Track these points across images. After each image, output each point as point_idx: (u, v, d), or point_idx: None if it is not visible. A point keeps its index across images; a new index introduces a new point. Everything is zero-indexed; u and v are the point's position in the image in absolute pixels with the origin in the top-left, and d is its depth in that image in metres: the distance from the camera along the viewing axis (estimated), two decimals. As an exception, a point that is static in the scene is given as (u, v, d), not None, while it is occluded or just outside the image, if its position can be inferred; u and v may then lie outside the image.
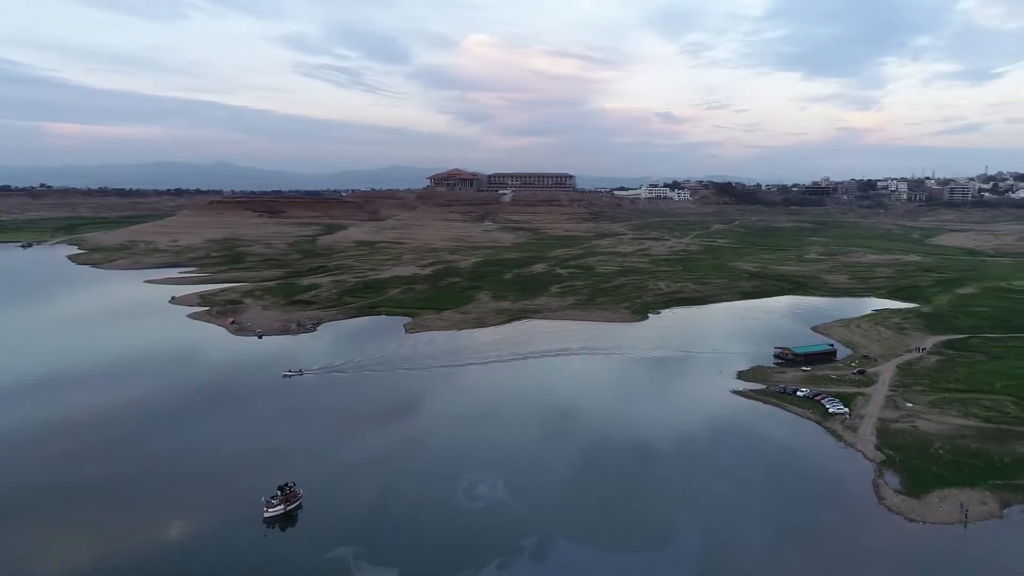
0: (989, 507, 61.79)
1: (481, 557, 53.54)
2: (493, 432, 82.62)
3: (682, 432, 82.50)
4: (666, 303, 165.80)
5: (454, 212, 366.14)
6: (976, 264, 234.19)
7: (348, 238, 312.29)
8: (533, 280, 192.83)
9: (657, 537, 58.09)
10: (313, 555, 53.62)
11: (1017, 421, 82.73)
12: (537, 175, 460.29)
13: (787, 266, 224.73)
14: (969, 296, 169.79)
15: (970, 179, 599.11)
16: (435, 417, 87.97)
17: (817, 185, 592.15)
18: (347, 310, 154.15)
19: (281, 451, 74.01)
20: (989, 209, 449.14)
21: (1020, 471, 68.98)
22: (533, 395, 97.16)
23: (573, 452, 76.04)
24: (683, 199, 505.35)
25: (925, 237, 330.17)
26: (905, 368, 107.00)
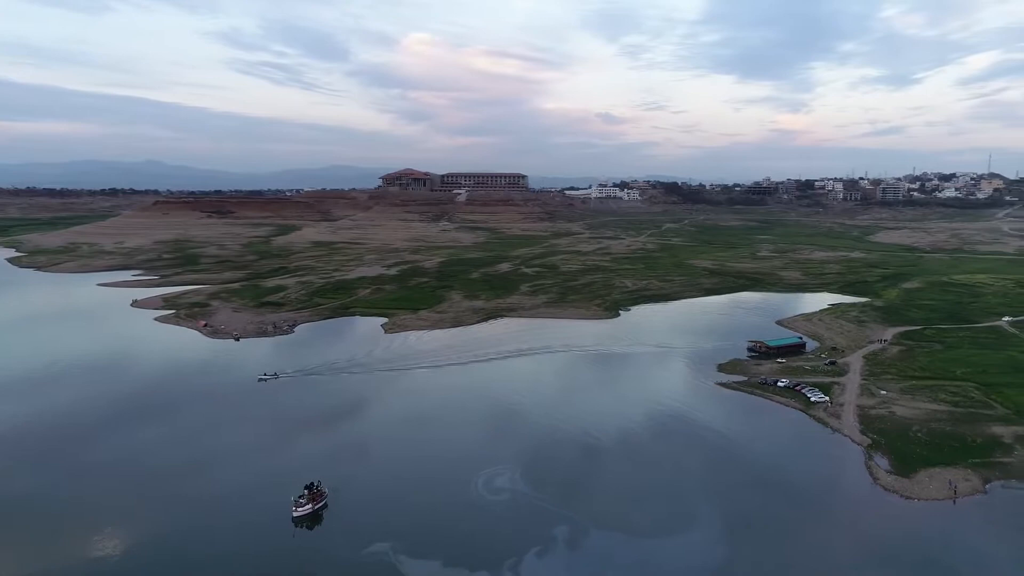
0: (973, 484, 66.81)
1: (510, 547, 54.98)
2: (491, 429, 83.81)
3: (680, 422, 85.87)
4: (634, 300, 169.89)
5: (410, 212, 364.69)
6: (915, 260, 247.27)
7: (303, 239, 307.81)
8: (501, 279, 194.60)
9: (685, 519, 61.10)
10: (354, 550, 54.26)
11: (981, 404, 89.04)
12: (490, 175, 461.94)
13: (743, 263, 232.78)
14: (915, 290, 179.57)
15: (898, 179, 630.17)
16: (425, 418, 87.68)
17: (759, 185, 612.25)
18: (321, 311, 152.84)
19: (278, 456, 73.77)
20: (920, 208, 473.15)
21: (993, 450, 74.57)
22: (526, 393, 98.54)
23: (580, 446, 78.19)
24: (633, 199, 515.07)
25: (864, 235, 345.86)
26: (871, 358, 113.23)
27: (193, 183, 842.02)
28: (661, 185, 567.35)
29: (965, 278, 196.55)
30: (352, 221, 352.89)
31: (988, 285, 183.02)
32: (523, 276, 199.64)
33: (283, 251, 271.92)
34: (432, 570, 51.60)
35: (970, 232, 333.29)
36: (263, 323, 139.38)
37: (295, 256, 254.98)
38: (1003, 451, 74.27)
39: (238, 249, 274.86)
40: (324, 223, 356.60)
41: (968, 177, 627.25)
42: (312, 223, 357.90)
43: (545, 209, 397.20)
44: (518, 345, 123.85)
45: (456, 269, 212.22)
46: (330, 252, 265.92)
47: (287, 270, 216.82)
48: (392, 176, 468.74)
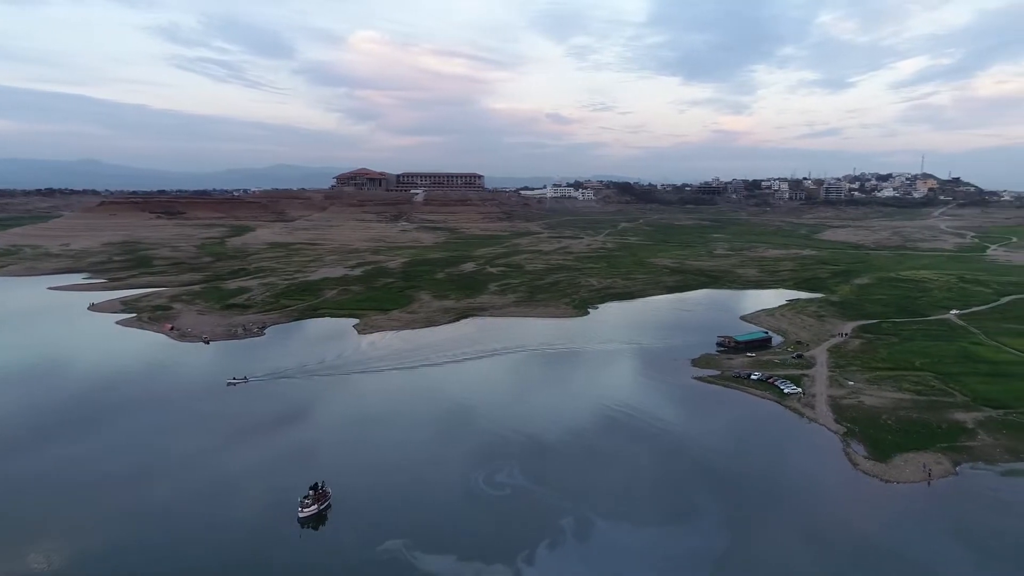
0: (944, 467, 70.94)
1: (520, 540, 56.09)
2: (478, 428, 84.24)
3: (664, 416, 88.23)
4: (602, 298, 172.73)
5: (368, 212, 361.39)
6: (863, 257, 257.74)
7: (259, 240, 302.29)
8: (468, 279, 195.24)
9: (686, 507, 63.29)
10: (368, 548, 54.55)
11: (942, 393, 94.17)
12: (446, 175, 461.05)
13: (701, 261, 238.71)
14: (866, 286, 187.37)
15: (838, 179, 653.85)
16: (409, 419, 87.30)
17: (708, 185, 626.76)
18: (289, 313, 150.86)
19: (256, 461, 73.26)
20: (861, 207, 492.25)
21: (958, 435, 79.18)
22: (509, 392, 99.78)
23: (575, 442, 79.63)
24: (587, 199, 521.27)
25: (812, 233, 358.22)
26: (835, 351, 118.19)
27: (133, 183, 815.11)
28: (614, 185, 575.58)
29: (911, 274, 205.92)
30: (308, 222, 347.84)
31: (933, 280, 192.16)
32: (489, 276, 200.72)
33: (240, 252, 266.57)
34: (448, 564, 52.24)
35: (910, 230, 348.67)
36: (232, 325, 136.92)
37: (253, 257, 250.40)
38: (967, 436, 78.91)
39: (192, 251, 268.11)
40: (279, 224, 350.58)
41: (904, 177, 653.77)
42: (267, 224, 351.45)
43: (503, 209, 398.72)
44: (493, 345, 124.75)
45: (421, 269, 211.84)
46: (289, 253, 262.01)
47: (247, 271, 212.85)
48: (346, 176, 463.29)
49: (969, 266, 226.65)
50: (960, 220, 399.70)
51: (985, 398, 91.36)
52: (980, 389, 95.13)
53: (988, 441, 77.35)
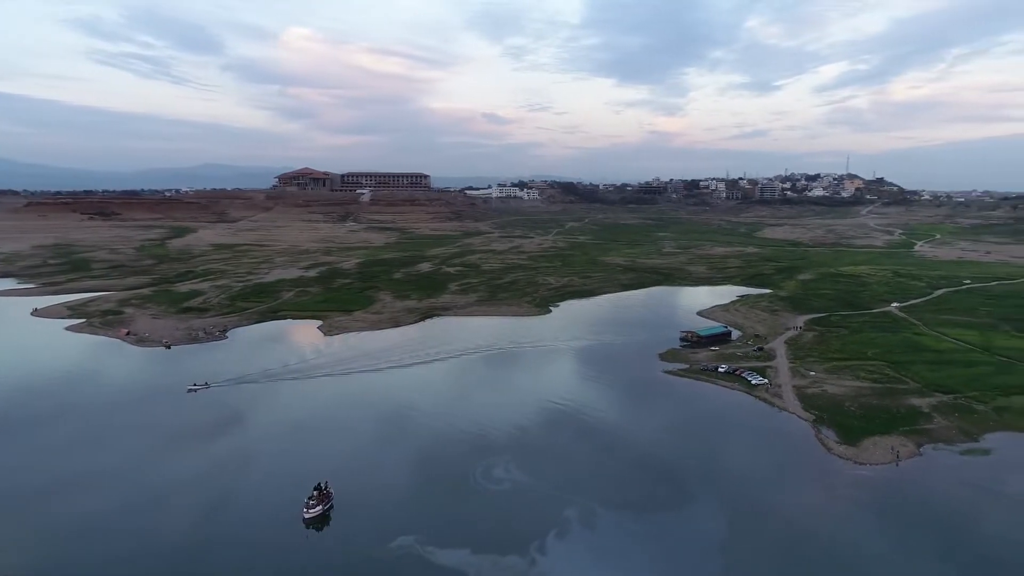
0: (909, 448, 75.76)
1: (528, 531, 57.35)
2: (464, 426, 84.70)
3: (644, 408, 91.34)
4: (561, 297, 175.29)
5: (314, 212, 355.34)
6: (802, 254, 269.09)
7: (202, 241, 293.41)
8: (426, 279, 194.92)
9: (681, 495, 65.61)
10: (381, 545, 54.80)
11: (896, 380, 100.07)
12: (392, 175, 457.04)
13: (652, 259, 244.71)
14: (810, 281, 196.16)
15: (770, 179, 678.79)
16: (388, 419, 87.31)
17: (649, 185, 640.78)
18: (249, 315, 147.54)
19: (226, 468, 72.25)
20: (795, 206, 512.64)
21: (916, 418, 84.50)
22: (488, 391, 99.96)
23: (565, 433, 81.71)
24: (532, 198, 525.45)
25: (752, 231, 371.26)
26: (792, 344, 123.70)
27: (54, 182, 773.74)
28: (558, 185, 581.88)
29: (850, 269, 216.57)
30: (252, 222, 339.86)
31: (871, 275, 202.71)
32: (448, 276, 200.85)
33: (183, 254, 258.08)
34: (464, 557, 53.01)
35: (843, 228, 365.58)
36: (191, 329, 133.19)
37: (198, 259, 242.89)
38: (924, 419, 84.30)
39: (132, 253, 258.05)
40: (221, 224, 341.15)
41: (831, 177, 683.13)
42: (208, 225, 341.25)
43: (451, 209, 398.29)
44: (463, 344, 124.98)
45: (377, 270, 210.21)
46: (236, 255, 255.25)
47: (195, 274, 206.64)
48: (289, 176, 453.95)
49: (901, 261, 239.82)
50: (887, 218, 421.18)
51: (935, 384, 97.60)
52: (929, 376, 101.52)
53: (944, 424, 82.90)
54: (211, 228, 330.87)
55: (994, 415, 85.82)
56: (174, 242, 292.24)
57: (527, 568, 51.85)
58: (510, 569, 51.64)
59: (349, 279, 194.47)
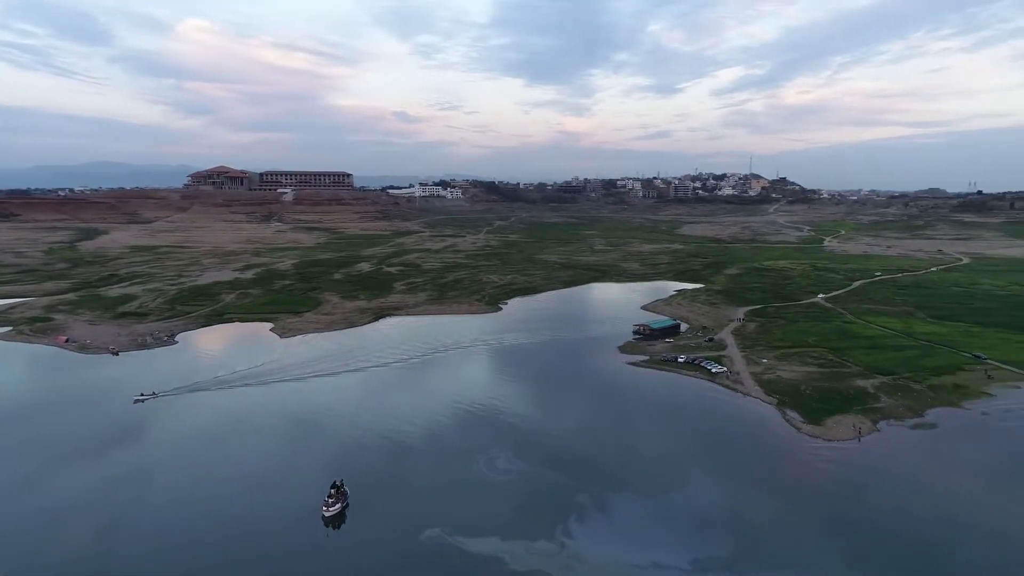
0: (868, 425, 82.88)
1: (549, 518, 59.73)
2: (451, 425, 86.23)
3: (616, 397, 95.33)
4: (508, 294, 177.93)
5: (235, 212, 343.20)
6: (724, 250, 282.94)
7: (117, 243, 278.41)
8: (369, 279, 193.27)
9: (682, 474, 69.51)
10: (410, 538, 55.66)
11: (840, 365, 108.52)
12: (313, 173, 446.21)
13: (586, 257, 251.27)
14: (738, 275, 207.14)
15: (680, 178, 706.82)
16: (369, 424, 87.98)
17: (569, 184, 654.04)
18: (195, 319, 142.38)
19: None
20: (708, 204, 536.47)
21: (866, 399, 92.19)
22: (467, 390, 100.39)
23: (560, 423, 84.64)
24: (456, 197, 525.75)
25: (672, 229, 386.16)
26: (738, 334, 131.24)
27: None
28: (481, 184, 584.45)
29: (772, 264, 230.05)
30: (169, 223, 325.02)
31: (792, 269, 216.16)
32: (390, 275, 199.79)
33: (98, 257, 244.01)
34: (496, 545, 54.66)
35: (756, 225, 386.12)
36: (138, 334, 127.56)
37: (117, 262, 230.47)
38: (873, 399, 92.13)
39: (40, 256, 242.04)
40: (135, 226, 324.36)
41: (736, 177, 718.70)
42: (120, 226, 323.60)
43: (378, 208, 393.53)
44: (426, 343, 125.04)
45: (315, 271, 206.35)
46: (157, 257, 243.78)
47: (120, 278, 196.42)
48: (203, 174, 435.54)
49: (815, 256, 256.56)
50: (793, 215, 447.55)
51: (873, 367, 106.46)
52: (867, 360, 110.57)
53: (890, 402, 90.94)
54: (124, 229, 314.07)
55: (931, 393, 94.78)
56: (85, 244, 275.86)
57: (558, 550, 54.15)
58: (542, 552, 53.75)
59: (288, 280, 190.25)
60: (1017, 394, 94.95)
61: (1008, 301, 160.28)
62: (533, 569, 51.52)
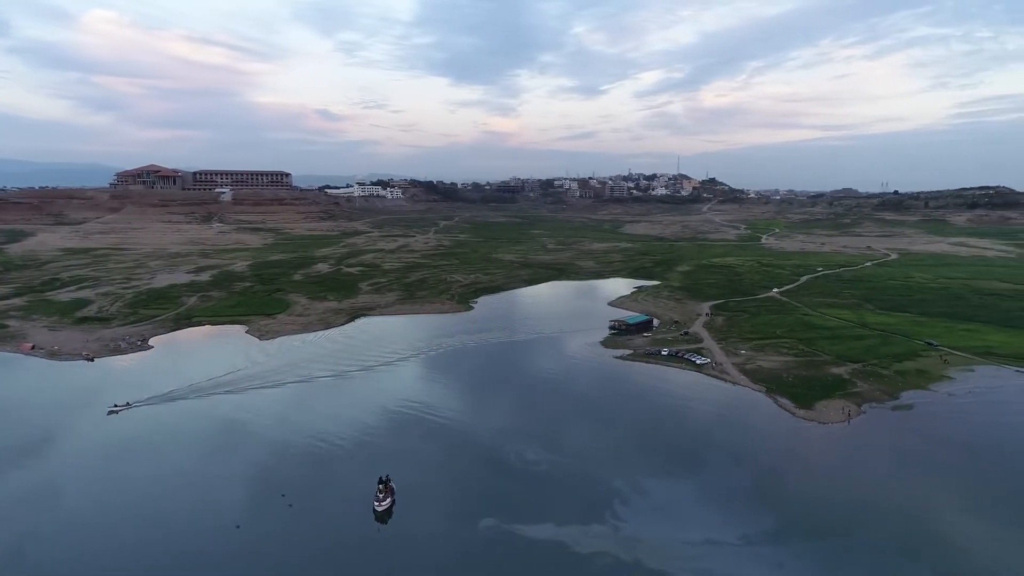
0: (854, 409, 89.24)
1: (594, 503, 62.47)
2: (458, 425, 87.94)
3: (620, 390, 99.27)
4: (475, 293, 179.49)
5: (173, 213, 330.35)
6: (670, 248, 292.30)
7: (47, 245, 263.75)
8: (332, 280, 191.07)
9: (705, 461, 73.23)
10: (469, 528, 57.29)
11: (812, 354, 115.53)
12: (250, 173, 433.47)
13: (541, 256, 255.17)
14: (691, 272, 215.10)
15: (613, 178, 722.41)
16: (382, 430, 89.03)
17: (507, 184, 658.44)
18: (162, 323, 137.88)
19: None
20: (644, 204, 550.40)
21: (845, 384, 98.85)
22: (470, 389, 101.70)
23: (574, 417, 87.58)
24: (396, 197, 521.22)
25: (614, 228, 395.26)
26: (709, 327, 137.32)
27: None
28: (420, 184, 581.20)
29: (720, 260, 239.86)
30: (102, 224, 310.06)
31: (740, 265, 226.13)
32: (352, 276, 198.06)
33: (30, 261, 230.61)
34: (553, 530, 56.87)
35: (694, 223, 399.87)
36: (109, 339, 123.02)
37: (52, 266, 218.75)
38: (851, 385, 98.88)
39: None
40: (64, 227, 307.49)
41: (666, 177, 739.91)
42: (47, 227, 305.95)
43: (321, 208, 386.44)
44: (408, 344, 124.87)
45: (273, 272, 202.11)
46: (96, 260, 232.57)
47: (63, 282, 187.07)
48: (131, 173, 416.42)
49: (757, 253, 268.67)
50: (727, 215, 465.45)
51: (842, 356, 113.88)
52: (834, 349, 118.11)
53: (867, 387, 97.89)
54: (52, 231, 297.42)
55: (899, 378, 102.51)
56: (11, 247, 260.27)
57: (613, 532, 56.90)
58: (599, 534, 56.40)
59: (248, 282, 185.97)
60: (973, 376, 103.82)
61: (942, 293, 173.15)
62: (597, 551, 54.04)
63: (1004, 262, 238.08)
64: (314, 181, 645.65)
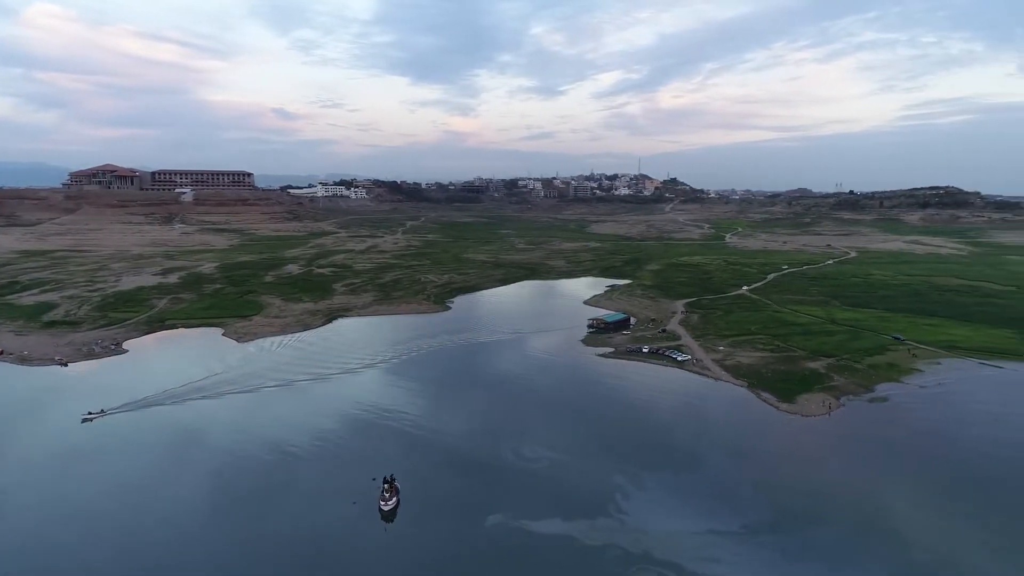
0: (834, 402, 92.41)
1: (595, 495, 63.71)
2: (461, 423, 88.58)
3: (603, 388, 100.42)
4: (451, 293, 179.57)
5: (133, 214, 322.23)
6: (638, 247, 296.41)
7: (3, 247, 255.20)
8: (304, 281, 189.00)
9: (700, 454, 74.89)
10: (476, 525, 57.85)
11: (787, 350, 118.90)
12: (211, 172, 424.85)
13: (512, 256, 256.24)
14: (660, 271, 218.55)
15: (575, 178, 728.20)
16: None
17: (471, 184, 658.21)
18: (134, 326, 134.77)
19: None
20: (607, 204, 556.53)
21: (822, 379, 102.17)
22: (476, 388, 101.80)
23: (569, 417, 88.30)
24: (360, 197, 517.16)
25: (581, 227, 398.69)
26: (686, 325, 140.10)
27: None
28: (384, 184, 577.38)
29: (687, 259, 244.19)
30: (58, 225, 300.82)
31: (709, 264, 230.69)
32: (324, 277, 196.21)
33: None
34: (561, 525, 57.85)
35: (659, 223, 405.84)
36: (82, 344, 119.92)
37: (9, 269, 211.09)
38: (827, 379, 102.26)
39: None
40: (17, 229, 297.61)
41: (628, 177, 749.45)
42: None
43: (286, 208, 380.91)
44: (390, 344, 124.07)
45: (243, 274, 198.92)
46: (55, 262, 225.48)
47: (23, 285, 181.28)
48: (86, 173, 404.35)
49: (723, 252, 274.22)
50: (690, 214, 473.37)
51: (815, 351, 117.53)
52: (808, 344, 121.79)
53: (843, 381, 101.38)
54: (5, 233, 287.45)
55: (872, 371, 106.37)
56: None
57: (620, 525, 58.15)
58: (606, 527, 57.60)
59: (218, 284, 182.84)
60: (941, 369, 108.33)
61: (902, 289, 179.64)
62: (604, 543, 55.23)
63: (957, 259, 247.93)
64: (272, 181, 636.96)
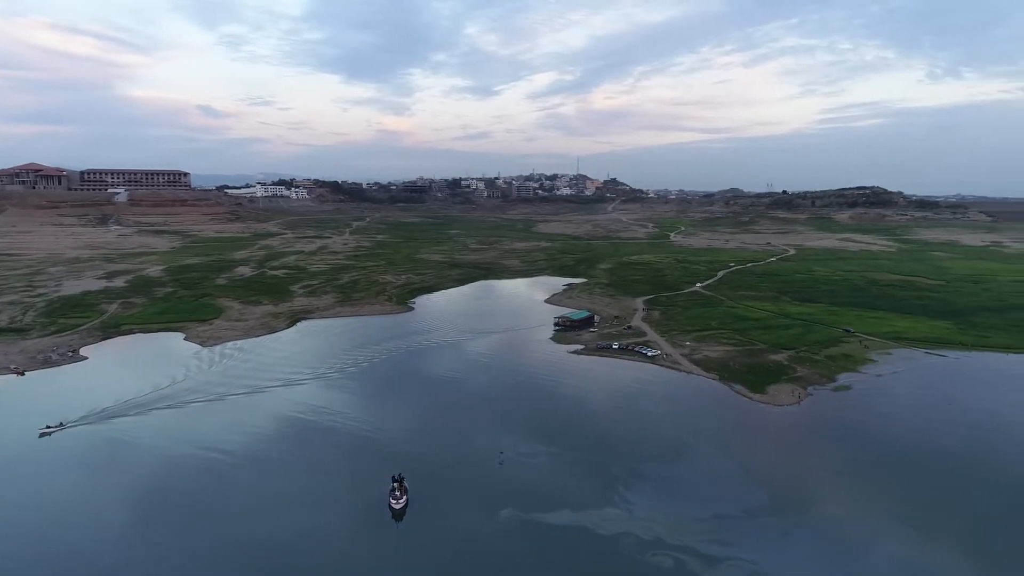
0: (802, 392, 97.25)
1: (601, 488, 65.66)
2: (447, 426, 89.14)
3: (584, 385, 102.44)
4: (412, 294, 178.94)
5: (64, 216, 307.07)
6: (587, 246, 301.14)
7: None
8: (259, 283, 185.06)
9: (689, 445, 77.62)
10: (489, 520, 58.92)
11: (748, 343, 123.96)
12: (146, 172, 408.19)
13: (466, 256, 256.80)
14: (614, 269, 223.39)
15: (515, 178, 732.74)
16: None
17: (414, 184, 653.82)
18: (88, 332, 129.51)
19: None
20: (551, 204, 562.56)
21: (786, 370, 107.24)
22: (443, 390, 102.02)
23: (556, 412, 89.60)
24: (302, 197, 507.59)
25: (527, 227, 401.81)
26: (649, 321, 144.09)
27: None
28: (325, 184, 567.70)
29: (638, 258, 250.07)
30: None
31: (659, 262, 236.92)
32: (279, 279, 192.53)
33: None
34: (571, 516, 59.46)
35: (604, 223, 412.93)
36: (37, 351, 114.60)
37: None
38: (791, 370, 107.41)
39: None
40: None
41: (568, 177, 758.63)
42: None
43: (227, 209, 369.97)
44: (360, 346, 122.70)
45: (193, 277, 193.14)
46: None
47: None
48: (8, 172, 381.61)
49: (670, 250, 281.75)
50: (632, 214, 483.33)
51: (775, 344, 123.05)
52: (766, 338, 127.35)
53: (806, 372, 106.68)
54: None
55: (831, 362, 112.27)
56: None
57: (628, 516, 60.21)
58: (615, 518, 59.57)
59: (169, 287, 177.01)
60: (893, 359, 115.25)
61: (844, 284, 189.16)
62: (621, 531, 57.23)
63: (888, 256, 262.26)
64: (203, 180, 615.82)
